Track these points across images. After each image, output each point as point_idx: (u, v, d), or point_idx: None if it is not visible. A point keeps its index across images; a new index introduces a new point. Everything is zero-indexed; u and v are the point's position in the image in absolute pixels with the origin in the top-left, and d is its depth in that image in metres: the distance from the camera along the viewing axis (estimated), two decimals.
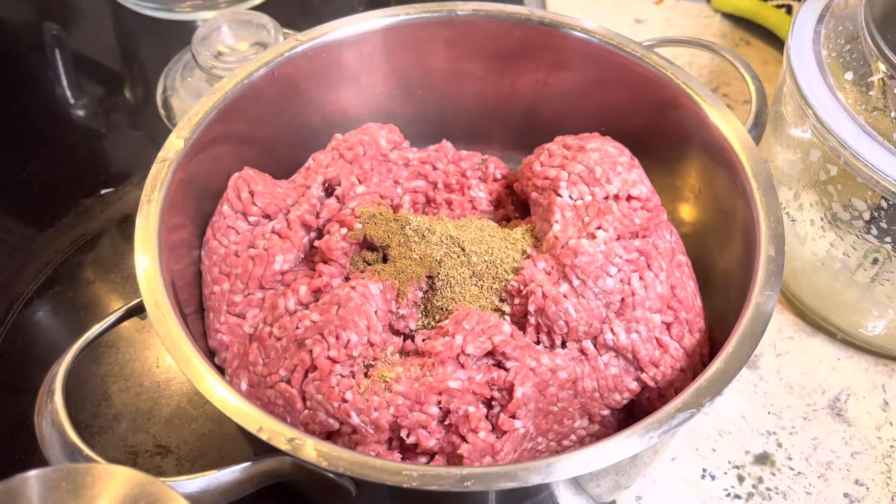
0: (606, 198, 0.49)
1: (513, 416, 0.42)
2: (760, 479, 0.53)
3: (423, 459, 0.43)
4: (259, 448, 0.38)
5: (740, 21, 0.82)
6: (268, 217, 0.51)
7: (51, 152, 0.71)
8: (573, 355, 0.46)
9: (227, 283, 0.49)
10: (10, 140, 0.73)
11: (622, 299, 0.46)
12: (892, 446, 0.54)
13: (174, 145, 0.48)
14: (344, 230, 0.49)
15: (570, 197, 0.49)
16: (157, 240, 0.44)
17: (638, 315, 0.46)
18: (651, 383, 0.47)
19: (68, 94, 0.77)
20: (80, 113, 0.76)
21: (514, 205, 0.57)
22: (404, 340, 0.48)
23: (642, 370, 0.47)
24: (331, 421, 0.43)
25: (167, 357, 0.56)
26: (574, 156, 0.51)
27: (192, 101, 0.72)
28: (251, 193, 0.51)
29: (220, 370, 0.48)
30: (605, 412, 0.47)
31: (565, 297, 0.45)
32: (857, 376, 0.58)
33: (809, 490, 0.52)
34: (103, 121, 0.75)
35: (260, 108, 0.55)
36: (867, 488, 0.52)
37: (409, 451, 0.43)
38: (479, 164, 0.59)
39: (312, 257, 0.51)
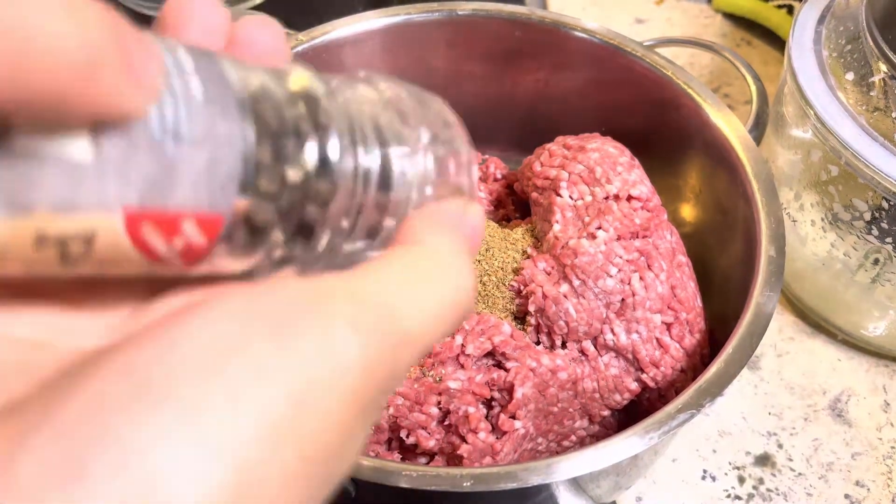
0: (607, 198, 0.49)
1: (513, 417, 0.42)
2: (761, 480, 0.52)
3: (423, 460, 0.43)
4: None
5: (741, 21, 0.82)
6: None
7: None
8: (573, 356, 0.46)
9: None
10: None
11: (622, 299, 0.46)
12: (892, 447, 0.54)
13: None
14: None
15: (571, 197, 0.49)
16: None
17: (638, 315, 0.46)
18: (651, 384, 0.46)
19: None
20: None
21: (515, 205, 0.57)
22: None
23: (643, 371, 0.46)
24: None
25: None
26: (574, 156, 0.51)
27: None
28: None
29: None
30: (606, 413, 0.47)
31: (565, 297, 0.45)
32: (857, 377, 0.58)
33: (810, 491, 0.52)
34: None
35: None
36: (868, 489, 0.52)
37: (409, 452, 0.43)
38: (479, 164, 0.59)
39: None
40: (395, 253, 0.19)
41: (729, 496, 0.52)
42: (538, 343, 0.47)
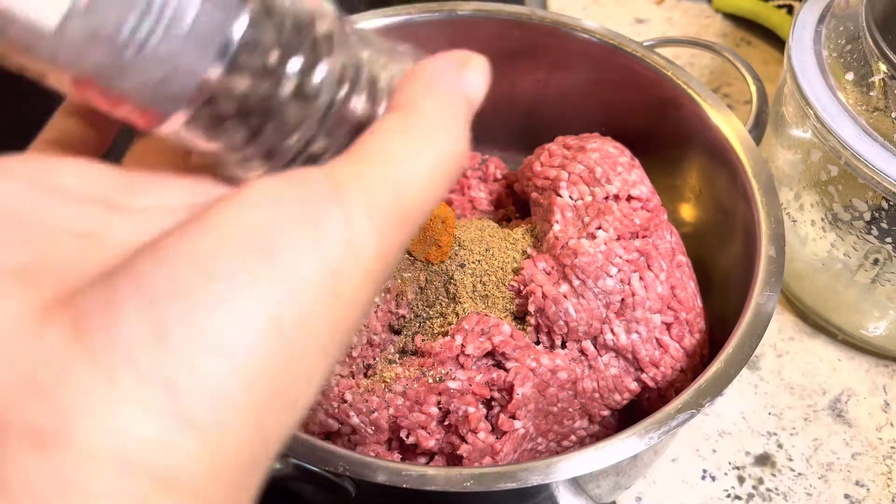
0: (606, 198, 0.49)
1: (512, 417, 0.42)
2: (761, 480, 0.52)
3: (423, 460, 0.43)
4: None
5: (741, 21, 0.82)
6: None
7: None
8: (573, 356, 0.46)
9: None
10: (9, 140, 0.73)
11: (622, 299, 0.46)
12: (892, 447, 0.54)
13: None
14: None
15: (571, 197, 0.49)
16: None
17: (638, 315, 0.46)
18: (651, 384, 0.46)
19: None
20: None
21: (515, 205, 0.57)
22: (404, 340, 0.48)
23: (642, 370, 0.46)
24: (330, 421, 0.43)
25: None
26: (574, 156, 0.51)
27: None
28: None
29: None
30: (606, 413, 0.47)
31: (565, 297, 0.45)
32: (857, 377, 0.58)
33: (810, 491, 0.52)
34: None
35: None
36: (868, 489, 0.52)
37: (409, 452, 0.43)
38: (479, 164, 0.59)
39: None
40: (391, 121, 0.20)
41: (729, 496, 0.52)
42: (538, 343, 0.47)
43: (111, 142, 0.23)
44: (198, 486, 0.15)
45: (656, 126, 0.56)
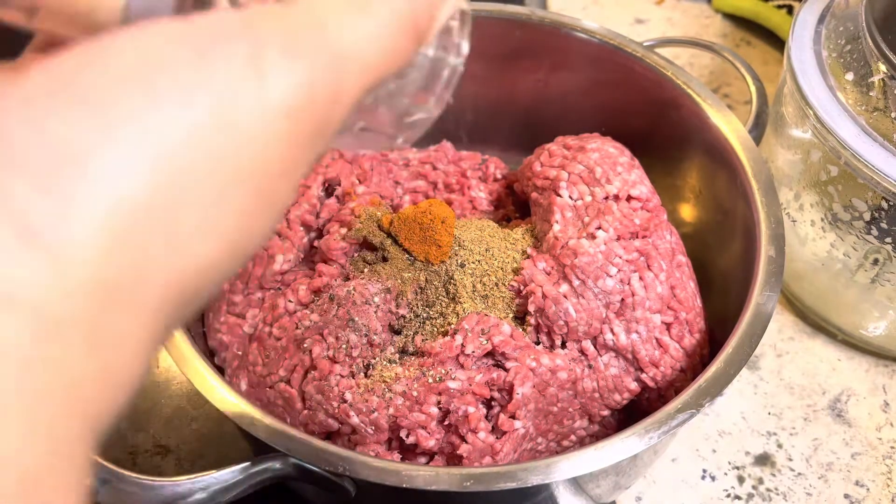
0: (606, 198, 0.49)
1: (512, 417, 0.42)
2: (761, 480, 0.53)
3: (423, 460, 0.43)
4: (258, 448, 0.38)
5: (741, 21, 0.82)
6: None
7: None
8: (573, 356, 0.46)
9: (227, 283, 0.49)
10: None
11: (622, 299, 0.46)
12: (892, 447, 0.54)
13: None
14: (344, 230, 0.49)
15: (571, 197, 0.49)
16: None
17: (638, 315, 0.46)
18: (651, 384, 0.46)
19: None
20: None
21: (515, 205, 0.57)
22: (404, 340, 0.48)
23: (642, 370, 0.46)
24: (330, 421, 0.43)
25: (167, 357, 0.56)
26: (574, 156, 0.51)
27: None
28: None
29: (220, 370, 0.48)
30: (605, 413, 0.47)
31: (565, 297, 0.45)
32: (857, 377, 0.58)
33: (810, 491, 0.52)
34: None
35: None
36: (867, 489, 0.52)
37: (409, 452, 0.43)
38: (479, 164, 0.59)
39: (312, 257, 0.51)
40: None
41: (729, 496, 0.52)
42: (538, 343, 0.47)
43: None
44: (41, 305, 0.14)
45: (656, 126, 0.56)
